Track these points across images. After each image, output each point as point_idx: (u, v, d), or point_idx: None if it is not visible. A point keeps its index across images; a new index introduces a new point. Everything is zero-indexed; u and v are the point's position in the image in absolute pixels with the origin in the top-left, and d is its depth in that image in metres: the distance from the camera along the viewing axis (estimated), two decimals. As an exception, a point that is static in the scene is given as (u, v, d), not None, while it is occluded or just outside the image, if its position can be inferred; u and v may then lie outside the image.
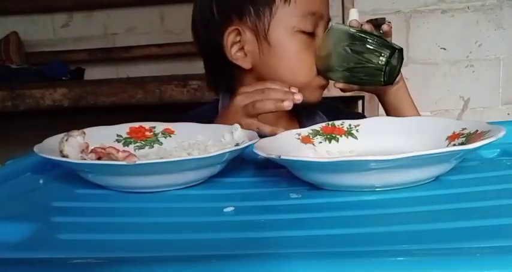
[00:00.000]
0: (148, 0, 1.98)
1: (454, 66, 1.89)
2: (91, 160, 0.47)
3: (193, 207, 0.43)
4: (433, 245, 0.30)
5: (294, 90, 0.68)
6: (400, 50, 0.72)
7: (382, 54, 0.71)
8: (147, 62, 2.02)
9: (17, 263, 0.30)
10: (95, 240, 0.35)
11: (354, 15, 1.55)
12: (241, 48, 0.78)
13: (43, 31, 2.05)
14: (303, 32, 0.76)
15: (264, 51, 0.77)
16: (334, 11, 1.84)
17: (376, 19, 1.50)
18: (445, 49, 1.89)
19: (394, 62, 0.72)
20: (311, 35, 0.77)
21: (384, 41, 0.72)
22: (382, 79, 0.72)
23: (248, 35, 0.77)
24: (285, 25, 0.76)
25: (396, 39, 0.77)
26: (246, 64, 0.78)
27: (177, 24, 2.00)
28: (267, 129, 0.64)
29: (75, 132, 0.50)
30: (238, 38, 0.77)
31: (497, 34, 1.86)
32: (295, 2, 0.75)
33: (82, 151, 0.49)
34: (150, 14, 2.01)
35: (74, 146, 0.48)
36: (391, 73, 0.73)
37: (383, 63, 0.71)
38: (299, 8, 0.75)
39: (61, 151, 0.47)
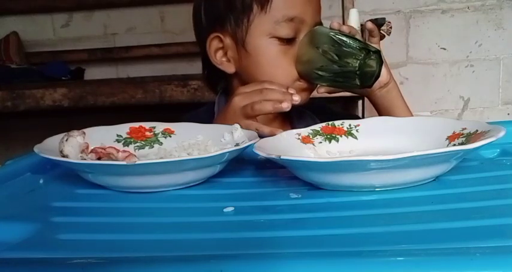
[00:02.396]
0: (149, 0, 1.98)
1: (454, 66, 1.89)
2: (91, 160, 0.47)
3: (193, 207, 0.43)
4: (433, 245, 0.30)
5: (291, 90, 0.69)
6: (376, 52, 0.70)
7: (356, 57, 0.70)
8: (147, 62, 2.02)
9: (17, 263, 0.30)
10: (95, 240, 0.35)
11: (354, 15, 1.55)
12: (226, 54, 0.80)
13: (43, 31, 2.05)
14: (280, 38, 0.75)
15: (243, 57, 0.78)
16: (334, 11, 1.85)
17: (376, 19, 1.51)
18: (445, 49, 1.89)
19: (371, 64, 0.71)
20: (290, 40, 0.76)
21: (360, 44, 0.71)
22: (357, 82, 0.72)
23: (229, 42, 0.79)
24: (261, 32, 0.76)
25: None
26: (229, 69, 0.80)
27: (177, 24, 2.00)
28: (266, 129, 0.64)
29: (75, 132, 0.50)
30: (221, 44, 0.79)
31: (497, 34, 1.86)
32: (271, 9, 0.75)
33: (82, 151, 0.49)
34: (150, 14, 2.01)
35: (74, 146, 0.48)
36: (370, 76, 0.72)
37: (356, 65, 0.70)
38: (275, 14, 0.75)
39: (61, 151, 0.47)
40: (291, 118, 0.86)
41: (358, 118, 1.02)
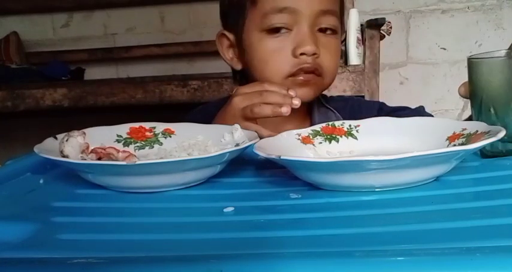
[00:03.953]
0: (148, 0, 1.98)
1: (454, 66, 1.89)
2: (91, 160, 0.47)
3: (193, 207, 0.43)
4: (433, 245, 0.30)
5: (291, 92, 0.68)
6: None
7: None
8: (147, 62, 2.02)
9: (17, 263, 0.30)
10: (95, 240, 0.35)
11: (353, 15, 1.55)
12: (234, 51, 0.81)
13: (43, 31, 2.05)
14: (270, 32, 0.74)
15: (242, 53, 0.78)
16: (334, 11, 1.85)
17: (376, 19, 1.51)
18: (445, 49, 1.89)
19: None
20: (280, 33, 0.74)
21: None
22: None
23: (232, 39, 0.79)
24: (253, 27, 0.75)
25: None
26: (236, 66, 0.81)
27: (177, 24, 2.00)
28: (265, 133, 0.64)
29: (75, 132, 0.50)
30: (229, 42, 0.80)
31: (497, 34, 1.86)
32: (260, 2, 0.74)
33: (82, 152, 0.49)
34: (150, 14, 2.02)
35: (74, 146, 0.48)
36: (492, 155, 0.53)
37: (496, 150, 0.52)
38: (264, 7, 0.74)
39: (61, 152, 0.47)
40: (312, 116, 0.83)
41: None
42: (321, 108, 0.84)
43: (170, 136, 0.58)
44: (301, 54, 0.73)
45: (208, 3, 1.83)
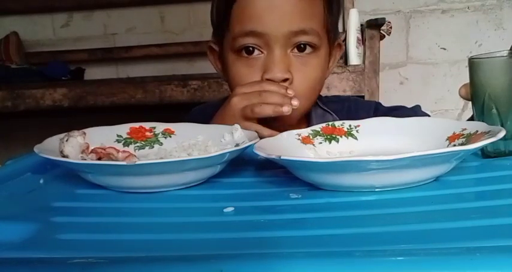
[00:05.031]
0: (148, 0, 1.98)
1: (454, 66, 1.89)
2: (91, 160, 0.47)
3: (193, 207, 0.43)
4: (433, 245, 0.30)
5: (290, 92, 0.68)
6: None
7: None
8: (147, 62, 2.02)
9: (17, 263, 0.30)
10: (95, 240, 0.35)
11: (353, 15, 1.55)
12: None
13: (43, 31, 2.05)
14: (244, 53, 0.72)
15: (224, 68, 0.79)
16: (334, 11, 1.85)
17: (376, 19, 1.51)
18: (445, 49, 1.89)
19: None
20: (256, 55, 0.72)
21: None
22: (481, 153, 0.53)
23: (219, 51, 0.80)
24: (227, 48, 0.75)
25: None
26: (223, 77, 0.81)
27: (177, 24, 2.00)
28: (265, 132, 0.64)
29: (75, 132, 0.50)
30: (217, 53, 0.81)
31: (497, 34, 1.86)
32: (230, 25, 0.73)
33: (82, 152, 0.49)
34: (150, 14, 2.01)
35: (74, 146, 0.48)
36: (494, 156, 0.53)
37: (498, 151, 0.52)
38: (233, 30, 0.72)
39: (61, 152, 0.47)
40: (310, 118, 0.82)
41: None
42: (318, 110, 0.83)
43: (170, 136, 0.58)
44: (269, 80, 0.71)
45: (208, 3, 1.83)
